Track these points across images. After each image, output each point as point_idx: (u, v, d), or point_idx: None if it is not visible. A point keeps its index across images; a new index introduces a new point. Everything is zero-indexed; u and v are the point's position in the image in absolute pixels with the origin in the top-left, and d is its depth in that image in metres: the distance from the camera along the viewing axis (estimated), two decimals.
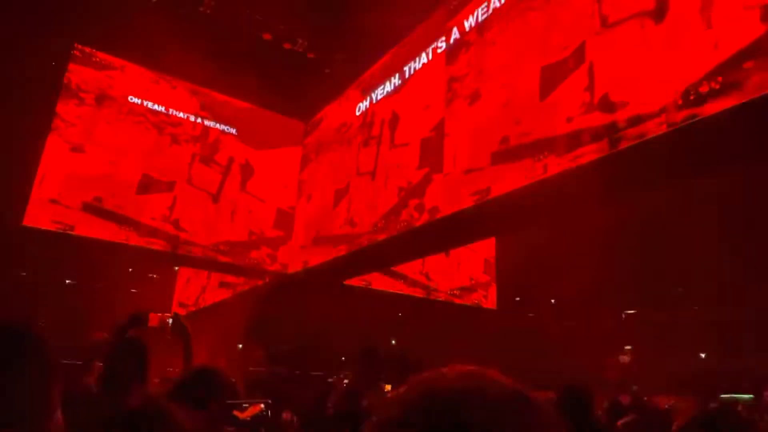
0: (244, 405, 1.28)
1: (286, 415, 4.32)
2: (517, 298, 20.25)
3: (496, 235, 11.46)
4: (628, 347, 21.95)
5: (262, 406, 1.30)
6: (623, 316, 21.72)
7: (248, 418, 1.27)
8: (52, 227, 8.67)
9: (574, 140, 5.11)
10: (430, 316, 13.82)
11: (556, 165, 5.26)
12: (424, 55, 8.21)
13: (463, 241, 10.02)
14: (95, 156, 9.26)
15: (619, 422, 3.98)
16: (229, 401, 1.28)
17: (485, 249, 13.72)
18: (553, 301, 22.25)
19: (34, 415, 0.69)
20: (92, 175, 9.15)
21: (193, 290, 16.26)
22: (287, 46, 9.34)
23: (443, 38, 7.79)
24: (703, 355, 19.46)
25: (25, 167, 8.86)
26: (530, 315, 21.68)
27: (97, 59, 9.62)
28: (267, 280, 11.36)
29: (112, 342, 2.25)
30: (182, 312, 15.80)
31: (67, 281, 19.58)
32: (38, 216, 8.62)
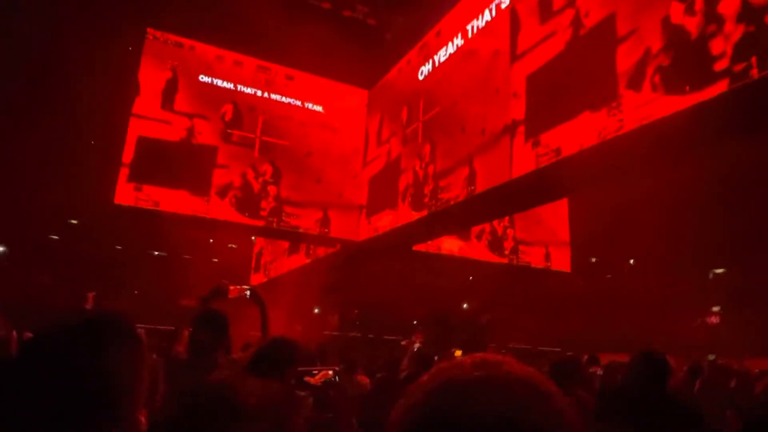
0: (315, 372, 1.38)
1: (359, 378, 4.48)
2: (593, 259, 19.60)
3: (569, 194, 11.05)
4: (716, 308, 20.75)
5: (331, 372, 1.40)
6: (710, 275, 20.49)
7: (319, 383, 1.36)
8: (139, 204, 9.32)
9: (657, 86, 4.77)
10: (501, 279, 13.71)
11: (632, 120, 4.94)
12: (486, 12, 7.89)
13: (534, 203, 9.74)
14: (174, 132, 9.77)
15: (697, 386, 3.82)
16: (301, 368, 1.37)
17: (557, 209, 13.29)
18: (632, 261, 21.34)
19: (125, 404, 0.76)
20: (172, 152, 9.67)
21: (269, 258, 16.99)
22: (347, 13, 9.28)
23: None
24: None
25: (112, 149, 9.51)
26: (608, 276, 20.96)
27: (169, 40, 10.03)
28: (338, 247, 11.66)
29: (197, 314, 2.42)
30: (261, 279, 16.64)
31: (156, 253, 21.12)
32: (127, 194, 9.27)
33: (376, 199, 10.81)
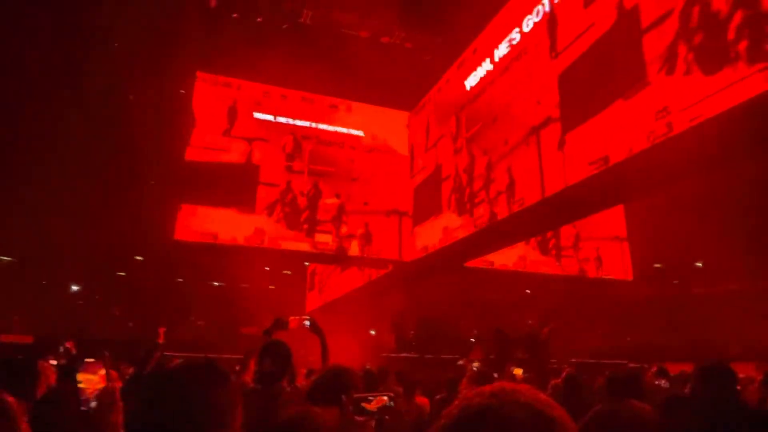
0: (370, 398, 1.46)
1: (418, 399, 4.48)
2: (657, 265, 18.75)
3: (624, 202, 10.71)
4: None
5: (386, 398, 1.47)
6: None
7: (375, 409, 1.44)
8: (198, 239, 9.76)
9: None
10: (561, 291, 13.34)
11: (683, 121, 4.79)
12: (522, 25, 7.89)
13: (585, 212, 9.51)
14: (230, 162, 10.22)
15: None
16: (357, 395, 1.45)
17: (613, 216, 12.88)
18: (699, 264, 20.26)
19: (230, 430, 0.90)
20: (227, 180, 10.11)
21: (323, 283, 17.26)
22: (385, 39, 9.50)
23: (539, 6, 7.42)
24: None
25: (170, 188, 10.04)
26: (674, 282, 19.96)
27: (217, 81, 10.58)
28: (390, 268, 11.73)
29: (261, 345, 2.56)
30: (317, 303, 16.90)
31: (215, 283, 21.87)
32: (186, 230, 9.74)
33: (423, 216, 10.85)
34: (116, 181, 12.44)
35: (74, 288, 19.89)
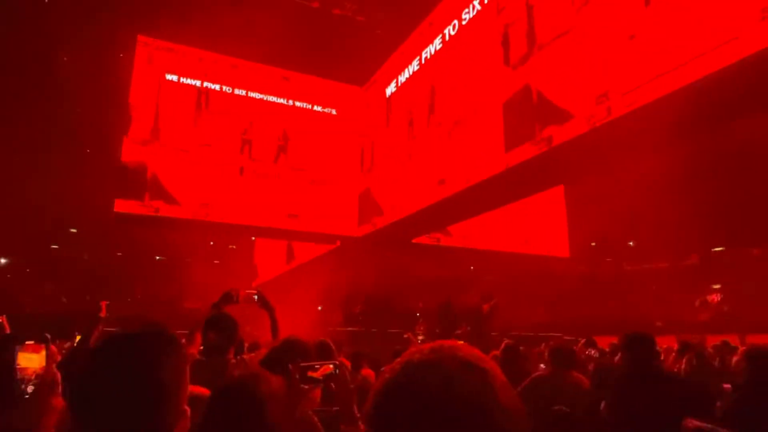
0: (317, 366, 1.50)
1: (364, 372, 4.58)
2: (593, 244, 19.68)
3: (564, 182, 11.14)
4: (716, 286, 20.86)
5: (332, 366, 1.51)
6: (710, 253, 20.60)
7: (320, 377, 1.48)
8: (139, 211, 9.40)
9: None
10: (503, 268, 13.81)
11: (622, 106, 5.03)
12: (472, 6, 7.94)
13: (529, 191, 9.84)
14: (167, 145, 9.84)
15: (683, 362, 4.02)
16: (304, 364, 1.49)
17: (553, 196, 13.39)
18: (631, 243, 21.41)
19: (180, 399, 0.88)
20: (167, 160, 9.75)
21: (271, 258, 17.11)
22: (337, 11, 9.33)
23: None
24: None
25: (109, 158, 9.58)
26: (608, 260, 21.05)
27: (160, 47, 10.08)
28: (338, 244, 11.76)
29: (208, 317, 2.54)
30: (265, 278, 16.75)
31: (157, 257, 21.21)
32: (127, 202, 9.35)
33: (374, 195, 10.90)
34: (49, 148, 11.75)
35: (2, 261, 18.77)
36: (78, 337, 3.78)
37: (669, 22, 4.63)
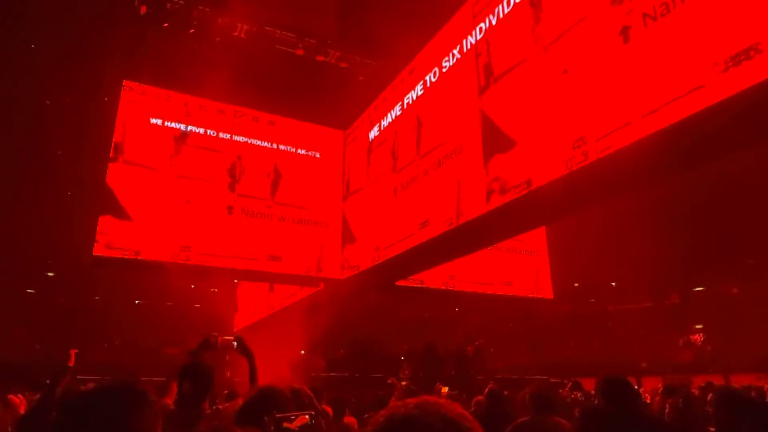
0: (292, 417, 1.46)
1: (346, 420, 4.47)
2: (576, 284, 19.83)
3: (544, 224, 11.28)
4: (699, 326, 20.99)
5: (308, 417, 1.48)
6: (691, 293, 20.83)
7: (296, 428, 1.44)
8: (119, 254, 9.26)
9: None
10: (487, 309, 13.78)
11: (595, 152, 5.18)
12: (456, 51, 8.22)
13: (511, 233, 9.93)
14: (149, 189, 9.81)
15: (667, 405, 3.97)
16: (279, 414, 1.45)
17: (536, 237, 13.53)
18: (613, 284, 21.63)
19: None
20: (150, 200, 9.69)
21: (253, 301, 16.84)
22: (320, 58, 9.58)
23: (472, 34, 7.78)
24: None
25: (89, 200, 9.50)
26: (591, 300, 21.16)
27: (146, 92, 10.18)
28: (321, 287, 11.65)
29: (184, 365, 2.48)
30: (247, 322, 16.43)
31: (137, 301, 20.77)
32: (106, 245, 9.21)
33: (357, 237, 10.90)
34: (27, 190, 11.62)
35: None
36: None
37: (642, 69, 4.84)
